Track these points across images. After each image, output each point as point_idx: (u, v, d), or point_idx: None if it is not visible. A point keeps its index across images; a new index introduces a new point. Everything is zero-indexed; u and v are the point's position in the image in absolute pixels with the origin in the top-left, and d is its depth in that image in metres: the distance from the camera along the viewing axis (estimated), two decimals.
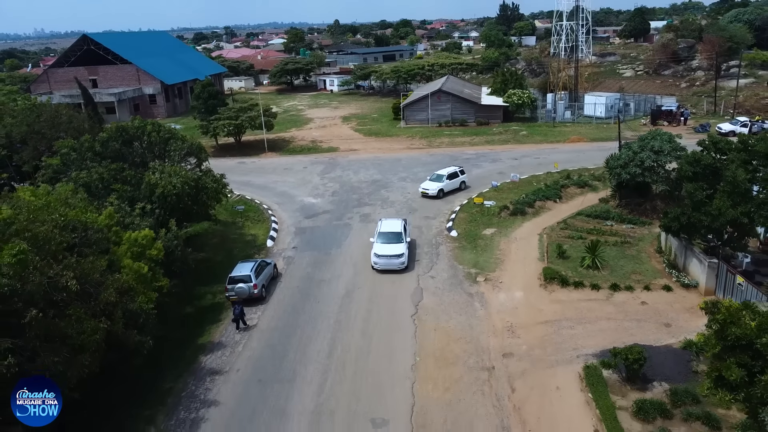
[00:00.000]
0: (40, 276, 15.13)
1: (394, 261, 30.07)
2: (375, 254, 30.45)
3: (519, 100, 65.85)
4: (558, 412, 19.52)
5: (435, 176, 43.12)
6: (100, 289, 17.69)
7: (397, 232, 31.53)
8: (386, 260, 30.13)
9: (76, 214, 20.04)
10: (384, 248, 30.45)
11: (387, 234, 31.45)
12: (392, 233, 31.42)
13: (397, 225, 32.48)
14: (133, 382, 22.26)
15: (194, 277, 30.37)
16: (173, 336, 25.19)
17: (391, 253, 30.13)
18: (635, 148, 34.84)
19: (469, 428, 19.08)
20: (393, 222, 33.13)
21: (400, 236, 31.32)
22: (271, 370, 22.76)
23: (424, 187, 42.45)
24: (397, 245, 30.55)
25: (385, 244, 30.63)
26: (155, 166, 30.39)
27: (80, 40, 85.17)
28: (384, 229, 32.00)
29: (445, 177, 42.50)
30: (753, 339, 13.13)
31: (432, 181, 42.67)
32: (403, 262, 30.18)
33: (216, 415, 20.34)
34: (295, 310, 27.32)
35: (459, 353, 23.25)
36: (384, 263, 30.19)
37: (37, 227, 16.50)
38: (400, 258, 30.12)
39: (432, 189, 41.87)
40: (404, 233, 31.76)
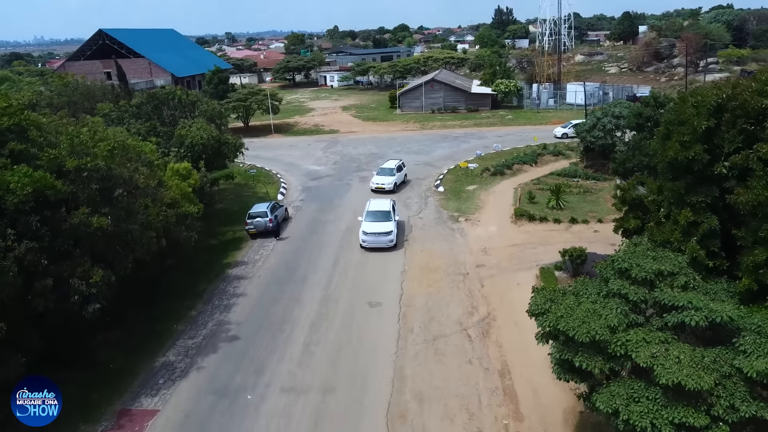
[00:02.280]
0: (124, 168, 20.29)
1: (383, 239, 29.91)
2: (363, 232, 30.25)
3: (506, 89, 71.31)
4: (515, 297, 24.52)
5: (385, 170, 40.95)
6: (158, 193, 22.90)
7: (385, 211, 31.29)
8: (374, 237, 29.97)
9: (132, 140, 25.19)
10: (372, 226, 30.24)
11: (375, 212, 31.23)
12: (380, 212, 31.20)
13: (385, 204, 32.30)
14: (173, 286, 27.31)
15: (216, 220, 35.51)
16: (203, 258, 30.31)
17: (379, 230, 30.01)
18: (599, 115, 40.15)
19: (446, 308, 24.19)
20: (381, 201, 33.13)
21: (389, 214, 31.06)
22: (287, 275, 27.92)
23: (378, 182, 40.00)
24: (386, 223, 30.38)
25: (374, 222, 30.43)
26: (184, 123, 35.56)
27: (96, 35, 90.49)
28: (372, 208, 31.73)
29: (394, 170, 40.76)
30: (643, 198, 18.27)
31: (384, 175, 40.48)
32: (392, 240, 30.03)
33: (244, 302, 25.45)
34: (305, 240, 32.49)
35: (440, 265, 28.40)
36: (372, 240, 30.03)
37: (114, 140, 21.65)
38: (389, 236, 29.98)
39: (388, 183, 39.77)
40: (393, 212, 31.58)
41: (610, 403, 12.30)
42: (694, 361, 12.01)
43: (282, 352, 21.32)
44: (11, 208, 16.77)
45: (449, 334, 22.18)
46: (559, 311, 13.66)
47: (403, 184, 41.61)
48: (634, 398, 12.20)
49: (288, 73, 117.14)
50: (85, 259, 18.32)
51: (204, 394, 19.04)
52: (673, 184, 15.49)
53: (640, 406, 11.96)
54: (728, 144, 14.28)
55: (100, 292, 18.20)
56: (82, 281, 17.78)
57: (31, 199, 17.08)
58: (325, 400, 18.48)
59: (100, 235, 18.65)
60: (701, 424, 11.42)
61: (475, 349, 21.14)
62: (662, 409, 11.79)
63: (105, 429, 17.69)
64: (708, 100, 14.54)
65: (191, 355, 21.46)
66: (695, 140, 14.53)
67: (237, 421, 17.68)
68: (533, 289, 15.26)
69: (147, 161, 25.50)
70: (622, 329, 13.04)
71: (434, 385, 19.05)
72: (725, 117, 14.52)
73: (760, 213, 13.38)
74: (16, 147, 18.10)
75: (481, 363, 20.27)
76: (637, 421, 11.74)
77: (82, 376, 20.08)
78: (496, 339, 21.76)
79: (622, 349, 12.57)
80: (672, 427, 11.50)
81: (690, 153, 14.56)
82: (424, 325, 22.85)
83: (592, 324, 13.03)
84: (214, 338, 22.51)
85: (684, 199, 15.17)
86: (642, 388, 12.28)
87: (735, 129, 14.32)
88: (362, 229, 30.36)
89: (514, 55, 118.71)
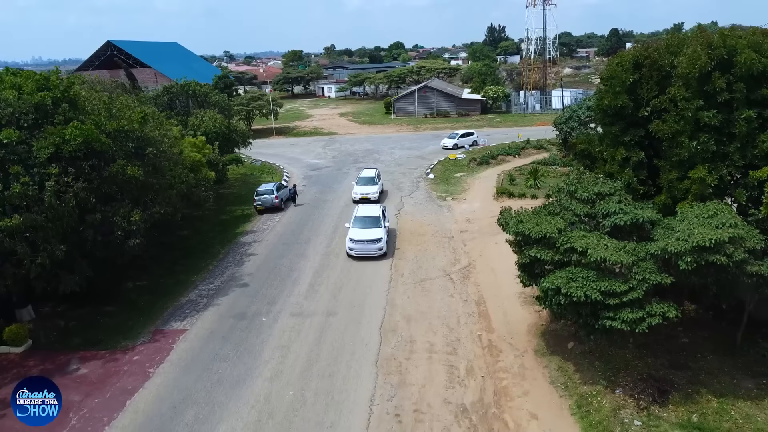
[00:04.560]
0: (155, 132, 23.87)
1: (371, 246, 27.49)
2: (350, 239, 27.85)
3: (495, 94, 75.45)
4: (493, 252, 28.03)
5: (366, 179, 37.95)
6: (180, 159, 26.46)
7: (374, 217, 29.02)
8: (362, 245, 27.56)
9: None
10: (360, 233, 27.93)
11: (363, 219, 28.97)
12: (369, 218, 28.93)
13: (374, 210, 30.12)
14: (191, 250, 30.69)
15: (226, 201, 39.06)
16: (216, 230, 33.77)
17: (367, 237, 27.58)
18: (574, 107, 44.03)
19: (432, 260, 27.65)
20: (370, 207, 31.12)
21: (378, 221, 28.73)
22: (293, 238, 31.40)
23: (362, 192, 36.87)
24: (375, 230, 28.08)
25: (362, 229, 28.16)
26: (197, 113, 39.24)
27: (104, 47, 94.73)
28: (360, 214, 29.51)
29: (375, 178, 38.14)
30: (591, 150, 21.91)
31: (365, 184, 37.50)
32: (381, 247, 27.63)
33: (255, 259, 28.86)
34: (307, 214, 36.02)
35: (428, 230, 31.93)
36: (360, 248, 27.57)
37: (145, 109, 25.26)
38: (378, 243, 27.53)
39: (373, 192, 36.89)
40: (383, 218, 29.28)
41: (554, 281, 15.78)
42: (618, 247, 15.58)
43: (290, 290, 24.74)
44: (67, 155, 20.26)
45: (434, 277, 25.65)
46: (520, 219, 17.32)
47: (382, 194, 38.28)
48: (572, 279, 15.66)
49: (287, 84, 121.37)
50: (126, 202, 21.80)
51: (225, 318, 22.42)
52: (610, 129, 19.17)
53: (577, 283, 15.42)
54: (647, 92, 17.98)
55: (139, 230, 21.63)
56: (124, 219, 21.22)
57: (83, 148, 20.56)
58: (328, 320, 21.86)
59: (134, 184, 22.12)
60: (621, 289, 14.89)
61: (456, 287, 24.60)
62: (593, 283, 15.27)
63: (143, 342, 21.02)
64: (629, 58, 18.35)
65: (211, 295, 24.83)
66: (623, 91, 18.25)
67: (254, 334, 21.03)
68: (501, 209, 18.91)
69: (171, 134, 29.15)
70: (568, 231, 16.61)
71: (420, 310, 22.48)
72: (643, 72, 18.25)
73: (674, 142, 17.03)
74: (68, 112, 21.66)
75: (460, 296, 23.73)
76: (573, 292, 15.20)
77: (118, 310, 23.52)
78: (474, 280, 25.23)
79: (567, 243, 16.10)
80: (599, 294, 14.96)
81: (619, 101, 18.30)
82: (412, 271, 26.32)
83: (544, 226, 16.62)
84: (231, 282, 25.92)
85: (619, 140, 18.84)
86: (579, 272, 15.76)
87: (652, 81, 18.05)
88: (349, 235, 28.18)
89: (504, 68, 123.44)
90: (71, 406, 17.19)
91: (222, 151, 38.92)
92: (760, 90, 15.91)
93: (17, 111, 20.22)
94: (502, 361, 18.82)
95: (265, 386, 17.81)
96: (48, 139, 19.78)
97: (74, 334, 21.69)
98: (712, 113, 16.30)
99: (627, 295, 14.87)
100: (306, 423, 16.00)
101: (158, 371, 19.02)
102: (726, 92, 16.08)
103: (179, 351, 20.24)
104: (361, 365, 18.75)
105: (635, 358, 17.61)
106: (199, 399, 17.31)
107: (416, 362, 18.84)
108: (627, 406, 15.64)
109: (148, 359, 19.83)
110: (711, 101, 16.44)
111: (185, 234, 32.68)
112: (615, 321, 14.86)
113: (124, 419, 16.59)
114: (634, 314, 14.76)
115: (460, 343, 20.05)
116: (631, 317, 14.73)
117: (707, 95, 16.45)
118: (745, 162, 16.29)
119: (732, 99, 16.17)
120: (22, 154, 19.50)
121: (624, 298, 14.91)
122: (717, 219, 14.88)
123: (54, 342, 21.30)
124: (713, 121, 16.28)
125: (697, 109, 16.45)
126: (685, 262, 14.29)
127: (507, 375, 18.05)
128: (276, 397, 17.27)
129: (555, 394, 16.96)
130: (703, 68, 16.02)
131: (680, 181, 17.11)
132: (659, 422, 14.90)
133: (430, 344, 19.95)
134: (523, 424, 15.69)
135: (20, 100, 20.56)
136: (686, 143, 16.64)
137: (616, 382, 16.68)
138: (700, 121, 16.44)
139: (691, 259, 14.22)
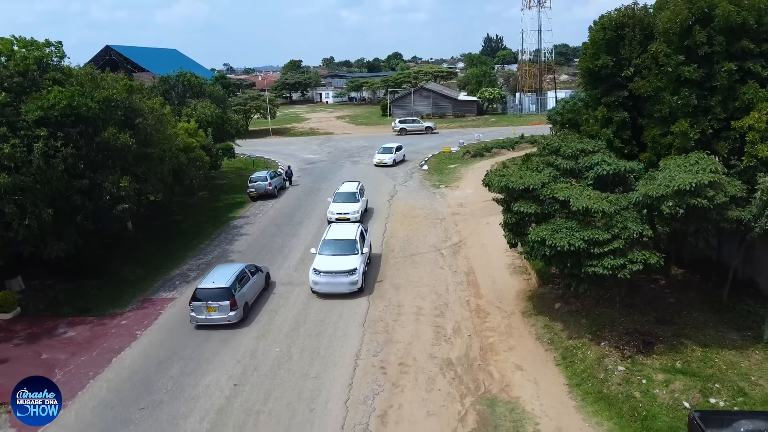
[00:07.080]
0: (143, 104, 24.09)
1: (341, 279, 20.52)
2: (314, 269, 20.91)
3: (490, 96, 75.87)
4: (484, 230, 28.15)
5: (345, 195, 31.10)
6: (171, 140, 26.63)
7: (349, 240, 22.13)
8: (329, 278, 20.58)
9: None
10: (327, 261, 21.03)
11: (334, 243, 22.07)
12: (343, 241, 22.13)
13: (350, 231, 23.15)
14: (184, 232, 30.76)
15: (220, 191, 39.19)
16: (209, 215, 33.84)
17: (336, 268, 20.63)
18: (567, 98, 44.29)
19: (423, 238, 27.73)
20: (345, 227, 24.10)
21: (354, 245, 21.89)
22: (285, 221, 31.48)
23: (340, 210, 29.57)
24: (348, 258, 21.16)
25: (331, 256, 21.30)
26: (190, 103, 39.50)
27: (103, 51, 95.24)
28: (331, 236, 22.69)
29: (357, 194, 31.34)
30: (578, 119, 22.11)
31: (345, 202, 30.39)
32: (355, 281, 20.57)
33: (247, 238, 28.92)
34: (300, 199, 36.16)
35: (420, 213, 32.03)
36: (325, 283, 20.63)
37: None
38: (351, 275, 20.53)
39: (353, 212, 29.54)
40: (359, 242, 22.24)
41: (539, 234, 15.84)
42: (600, 197, 15.67)
43: (281, 263, 24.80)
44: (54, 120, 20.41)
45: (425, 252, 25.72)
46: (503, 173, 17.48)
47: (365, 213, 31.85)
48: (556, 230, 15.73)
49: (285, 90, 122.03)
50: (116, 170, 21.92)
51: None
52: (592, 91, 19.38)
53: (561, 234, 15.49)
54: (630, 53, 18.21)
55: (128, 196, 21.72)
56: (113, 185, 21.31)
57: (70, 114, 20.69)
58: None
59: (125, 152, 22.25)
60: (604, 238, 14.97)
61: (447, 260, 24.66)
62: (576, 233, 15.34)
63: (132, 309, 21.05)
64: (612, 18, 18.61)
65: (202, 268, 24.84)
66: (603, 50, 18.50)
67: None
68: (487, 172, 19.05)
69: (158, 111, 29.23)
70: (551, 184, 16.73)
71: (409, 280, 22.51)
72: (626, 32, 18.49)
73: (656, 99, 17.21)
74: (56, 76, 21.86)
75: (450, 268, 23.78)
76: (558, 242, 15.26)
77: (108, 283, 23.52)
78: (465, 254, 25.30)
79: (550, 194, 16.21)
80: (583, 242, 15.03)
81: (599, 62, 18.52)
82: (403, 247, 26.39)
83: (528, 179, 16.74)
84: (222, 258, 25.96)
85: (601, 101, 19.02)
86: (563, 223, 15.84)
87: (635, 41, 18.28)
88: (313, 265, 21.20)
89: (501, 74, 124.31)
90: (57, 364, 17.23)
91: (216, 139, 39.12)
92: (739, 42, 16.10)
93: (3, 75, 20.44)
94: (489, 322, 18.84)
95: (251, 344, 17.84)
96: (35, 102, 19.96)
97: (63, 304, 21.69)
98: (693, 68, 16.49)
99: (610, 244, 14.94)
100: (291, 375, 16.00)
101: (146, 333, 19.06)
102: (706, 46, 16.29)
103: (167, 315, 20.29)
104: (348, 326, 18.77)
105: (622, 316, 17.62)
106: (185, 355, 17.32)
107: (403, 323, 18.87)
108: (611, 356, 15.64)
109: (136, 323, 19.85)
110: (692, 56, 16.64)
111: (179, 218, 32.80)
112: (597, 267, 14.91)
113: (109, 374, 16.59)
114: (616, 261, 14.83)
115: (448, 307, 20.07)
116: (613, 264, 14.79)
117: (688, 50, 16.65)
118: (727, 115, 16.45)
119: (712, 53, 16.37)
120: (9, 116, 19.65)
121: (606, 247, 14.99)
122: (698, 166, 15.00)
123: (43, 310, 21.31)
124: (694, 75, 16.46)
125: (678, 64, 16.64)
126: (667, 206, 14.38)
127: (493, 333, 18.07)
128: (262, 353, 17.28)
129: (540, 348, 16.98)
130: (684, 22, 16.25)
131: (663, 137, 17.25)
132: (643, 368, 14.90)
133: (418, 308, 19.97)
134: (508, 375, 15.68)
135: (8, 64, 20.88)
136: (668, 99, 16.81)
137: (602, 336, 16.68)
138: (682, 76, 16.62)
139: (673, 203, 14.31)
